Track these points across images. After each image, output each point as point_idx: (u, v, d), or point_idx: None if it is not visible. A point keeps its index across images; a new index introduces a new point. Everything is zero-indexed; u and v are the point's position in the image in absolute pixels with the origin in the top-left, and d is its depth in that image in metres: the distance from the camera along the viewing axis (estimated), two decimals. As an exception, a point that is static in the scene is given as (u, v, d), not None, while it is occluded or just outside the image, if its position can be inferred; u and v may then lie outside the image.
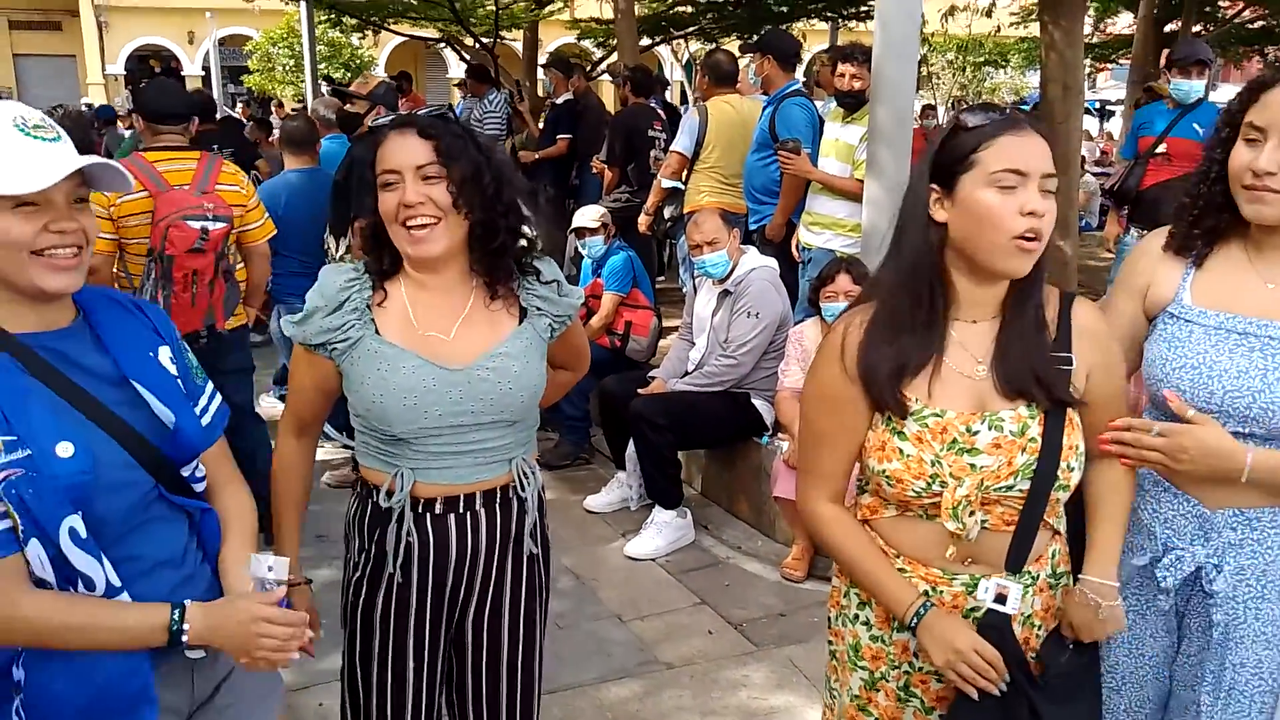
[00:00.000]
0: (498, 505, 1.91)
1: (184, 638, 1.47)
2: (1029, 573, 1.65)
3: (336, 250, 4.46)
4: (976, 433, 1.57)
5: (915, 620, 1.60)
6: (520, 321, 1.90)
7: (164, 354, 1.64)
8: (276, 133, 5.98)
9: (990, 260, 1.53)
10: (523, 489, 1.93)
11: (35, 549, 1.41)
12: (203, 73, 26.13)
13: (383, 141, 1.80)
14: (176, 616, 1.47)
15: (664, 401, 4.29)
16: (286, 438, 1.95)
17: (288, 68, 22.09)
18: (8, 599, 1.40)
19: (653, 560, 4.11)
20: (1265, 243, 1.72)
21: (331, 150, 5.63)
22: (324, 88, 9.58)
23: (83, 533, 1.43)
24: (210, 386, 1.73)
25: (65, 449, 1.43)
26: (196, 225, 3.58)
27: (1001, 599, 1.58)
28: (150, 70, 27.62)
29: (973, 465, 1.55)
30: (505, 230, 1.84)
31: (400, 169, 1.77)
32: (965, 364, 1.59)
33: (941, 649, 1.57)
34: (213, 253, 3.65)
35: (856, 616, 1.72)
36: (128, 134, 9.19)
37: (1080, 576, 1.68)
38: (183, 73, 27.60)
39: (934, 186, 1.56)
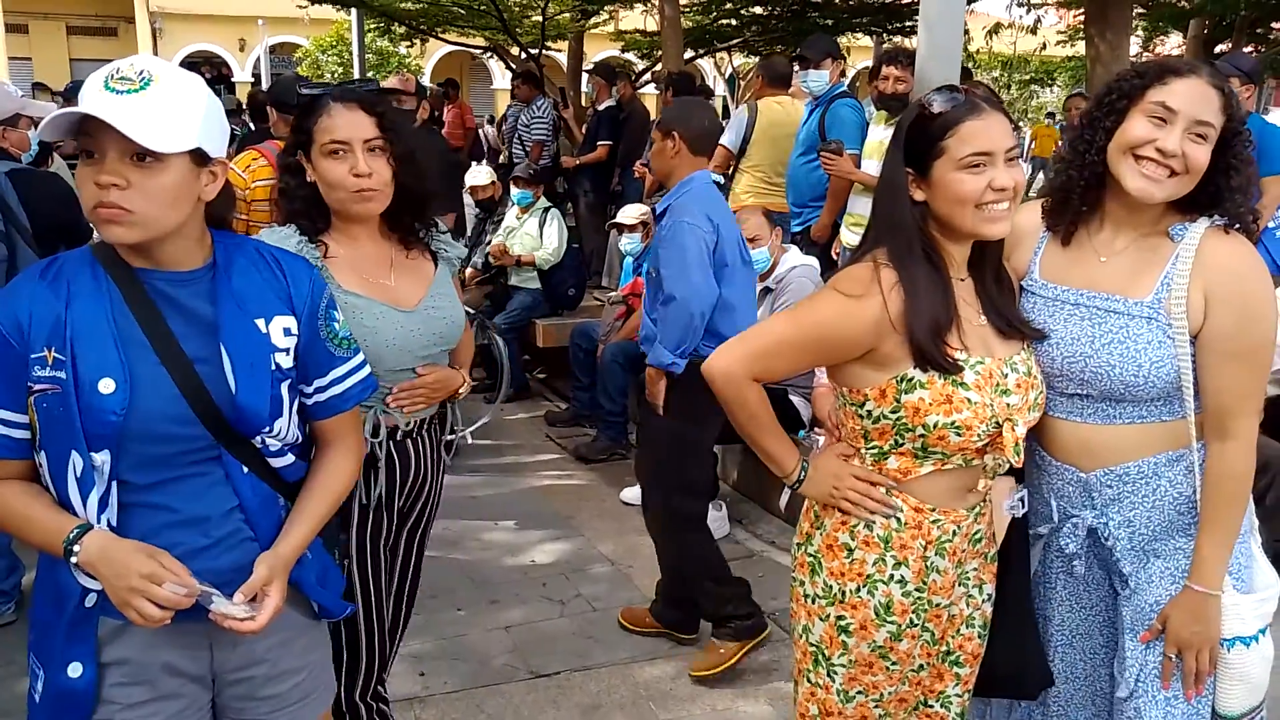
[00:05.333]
0: (434, 427, 2.20)
1: (73, 556, 1.45)
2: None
3: None
4: (1007, 375, 1.72)
5: (803, 475, 1.82)
6: (435, 266, 2.16)
7: (279, 323, 1.58)
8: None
9: (973, 229, 1.67)
10: (451, 412, 2.26)
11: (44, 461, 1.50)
12: (252, 79, 26.59)
13: (324, 112, 1.98)
14: (75, 534, 1.45)
15: (702, 395, 4.32)
16: None
17: (336, 75, 22.49)
18: None
19: (687, 551, 4.13)
20: (1114, 217, 1.78)
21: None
22: None
23: (95, 471, 1.45)
24: (358, 359, 1.71)
25: (107, 385, 1.44)
26: None
27: (1022, 503, 1.87)
28: (200, 76, 28.13)
29: (1009, 405, 1.70)
30: (423, 195, 2.09)
31: (350, 141, 1.96)
32: (972, 316, 1.73)
33: (824, 483, 1.79)
34: None
35: (892, 577, 1.77)
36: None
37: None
38: (233, 79, 28.15)
39: (909, 170, 1.69)
